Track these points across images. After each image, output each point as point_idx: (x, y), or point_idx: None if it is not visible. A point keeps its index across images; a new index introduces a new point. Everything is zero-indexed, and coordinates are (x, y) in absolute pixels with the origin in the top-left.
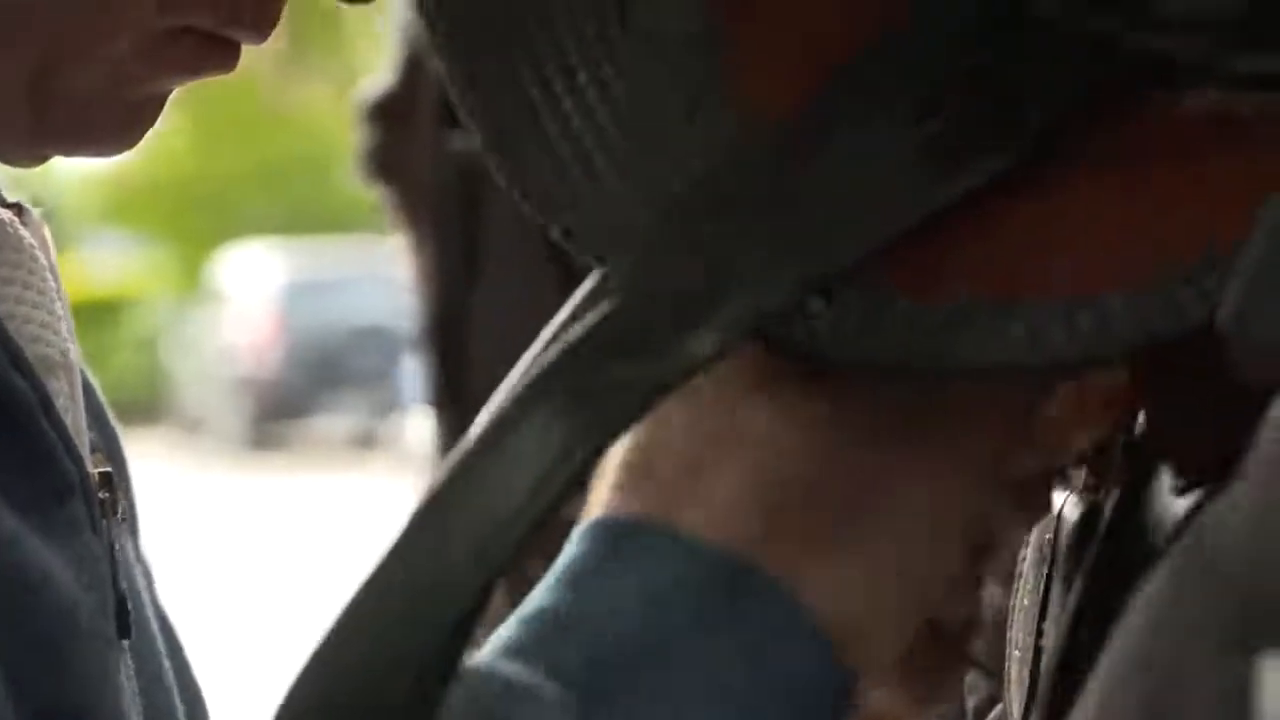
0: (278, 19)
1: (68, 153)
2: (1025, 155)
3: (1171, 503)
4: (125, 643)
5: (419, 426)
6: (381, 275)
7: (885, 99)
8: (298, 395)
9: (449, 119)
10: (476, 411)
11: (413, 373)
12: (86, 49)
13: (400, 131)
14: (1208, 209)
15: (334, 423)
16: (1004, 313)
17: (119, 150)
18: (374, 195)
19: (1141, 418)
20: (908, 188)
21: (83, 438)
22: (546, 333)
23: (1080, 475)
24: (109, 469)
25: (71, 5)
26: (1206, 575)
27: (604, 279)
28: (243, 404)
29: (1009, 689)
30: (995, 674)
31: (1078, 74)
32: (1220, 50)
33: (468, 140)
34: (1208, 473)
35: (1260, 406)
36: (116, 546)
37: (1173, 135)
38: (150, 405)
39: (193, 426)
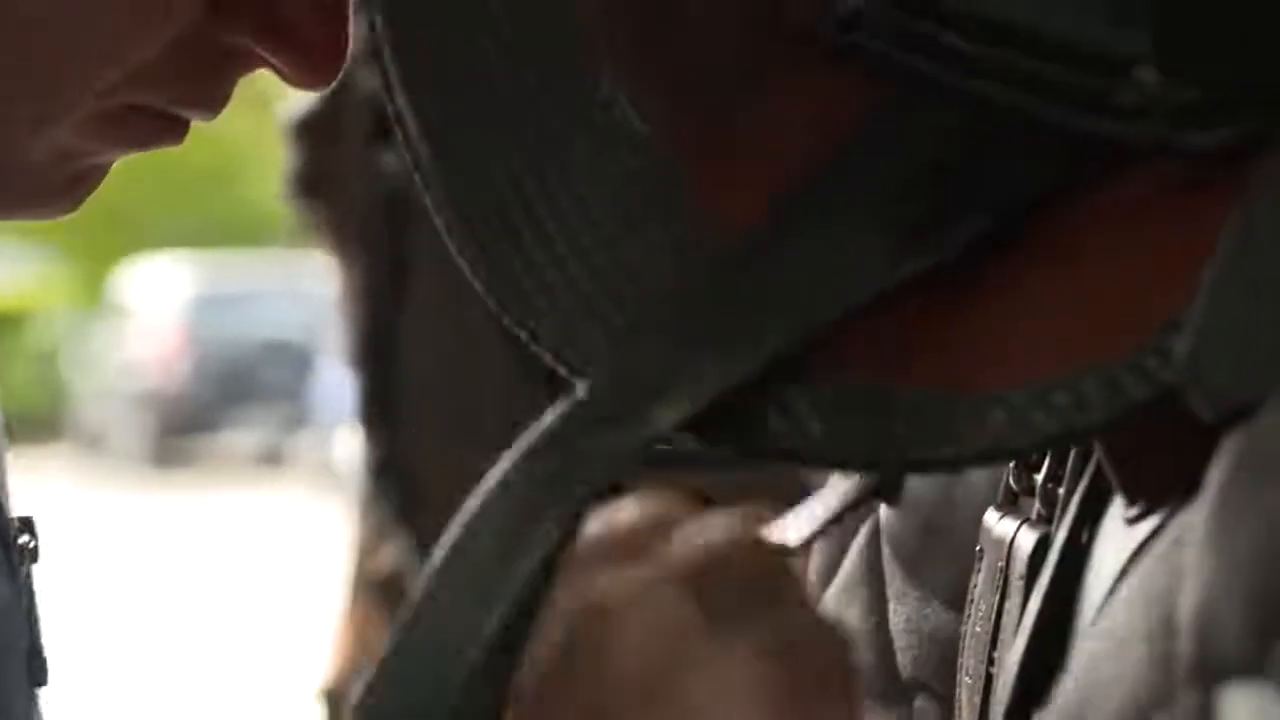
0: (229, 99)
1: (4, 217)
2: (1006, 232)
3: (1125, 531)
4: (38, 691)
5: (344, 443)
6: (291, 289)
7: (862, 189)
8: (204, 410)
9: (377, 137)
10: (403, 429)
11: (322, 388)
12: (34, 125)
13: (328, 149)
14: (1168, 280)
15: (241, 438)
16: (984, 401)
17: (58, 215)
18: (286, 209)
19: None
20: (880, 260)
21: (3, 481)
22: (523, 438)
23: (1033, 505)
24: (30, 514)
25: (19, 84)
26: (1163, 605)
27: (571, 388)
28: (146, 419)
29: (960, 715)
30: (946, 699)
31: (1045, 160)
32: (1174, 132)
33: (396, 159)
34: (1161, 501)
35: (1213, 438)
36: (34, 592)
37: (1129, 212)
38: (50, 421)
39: (94, 442)
